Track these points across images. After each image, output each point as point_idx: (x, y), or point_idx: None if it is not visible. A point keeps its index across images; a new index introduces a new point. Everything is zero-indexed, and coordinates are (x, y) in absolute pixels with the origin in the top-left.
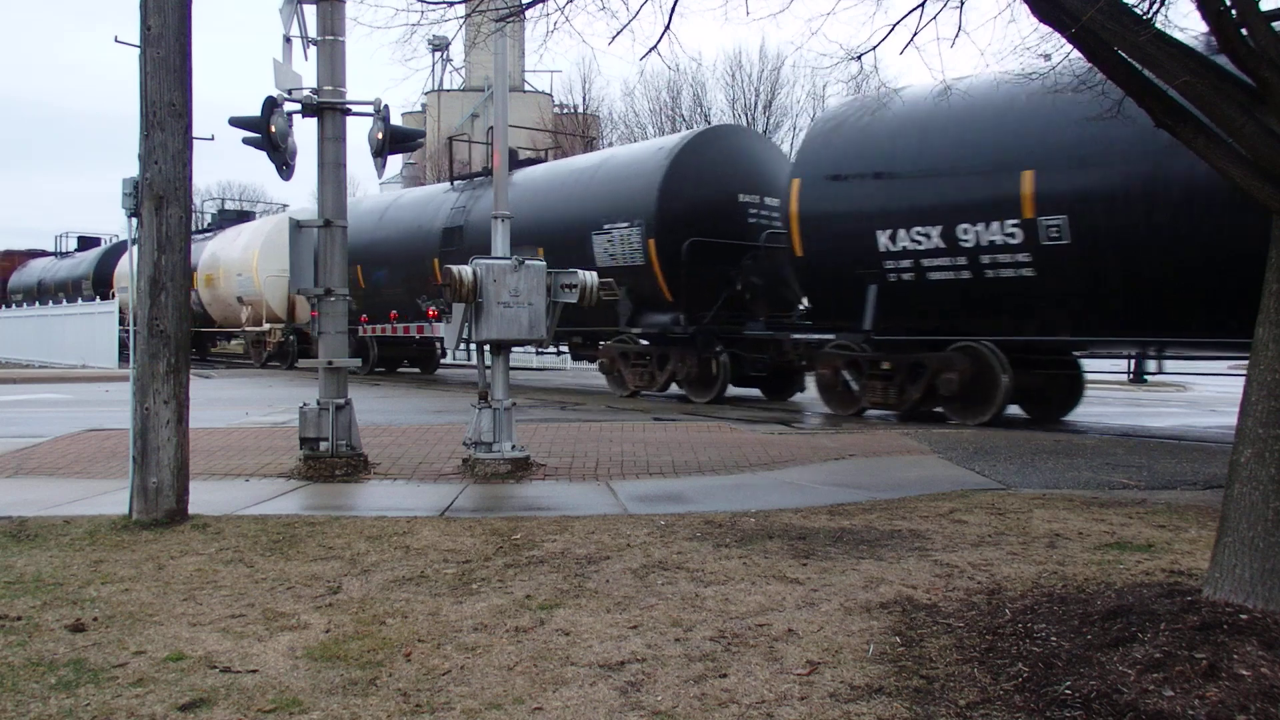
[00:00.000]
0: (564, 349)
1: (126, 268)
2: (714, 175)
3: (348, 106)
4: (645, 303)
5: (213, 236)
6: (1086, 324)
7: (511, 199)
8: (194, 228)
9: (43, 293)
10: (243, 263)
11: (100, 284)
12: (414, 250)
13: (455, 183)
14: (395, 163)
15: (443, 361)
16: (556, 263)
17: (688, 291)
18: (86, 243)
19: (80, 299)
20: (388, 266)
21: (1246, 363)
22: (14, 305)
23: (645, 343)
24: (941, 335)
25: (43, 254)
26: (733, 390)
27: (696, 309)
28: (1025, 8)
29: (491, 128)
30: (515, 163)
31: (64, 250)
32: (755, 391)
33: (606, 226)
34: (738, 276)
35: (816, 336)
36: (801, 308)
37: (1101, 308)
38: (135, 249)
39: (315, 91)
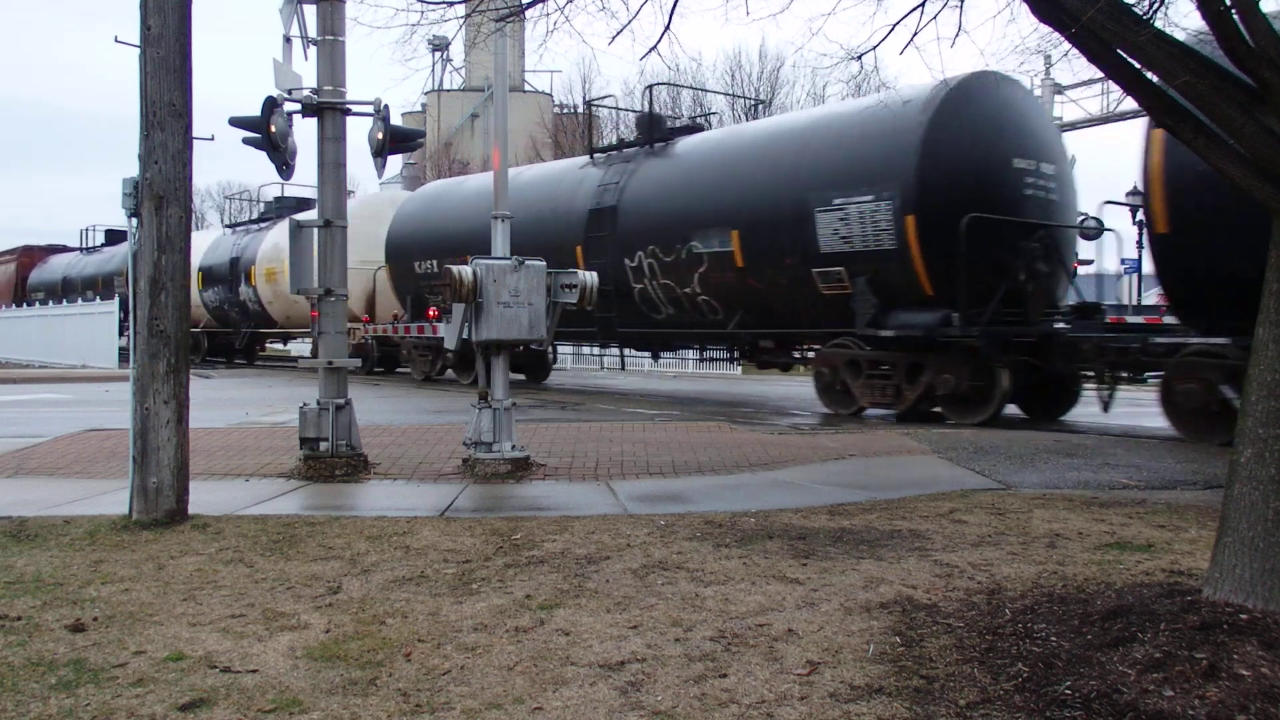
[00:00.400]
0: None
1: None
2: (983, 134)
3: (348, 106)
4: (895, 297)
5: (271, 226)
6: None
7: (684, 170)
8: (249, 217)
9: (68, 290)
10: None
11: None
12: (544, 237)
13: (595, 156)
14: (395, 163)
15: (555, 367)
16: (765, 250)
17: (960, 282)
18: (115, 237)
19: (116, 296)
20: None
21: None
22: (35, 303)
23: (872, 349)
24: None
25: (64, 249)
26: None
27: (967, 305)
28: (1025, 7)
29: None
30: (671, 131)
31: (90, 245)
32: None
33: (838, 201)
34: (1019, 263)
35: (1196, 341)
36: (1123, 303)
37: None
38: (135, 249)
39: (315, 91)
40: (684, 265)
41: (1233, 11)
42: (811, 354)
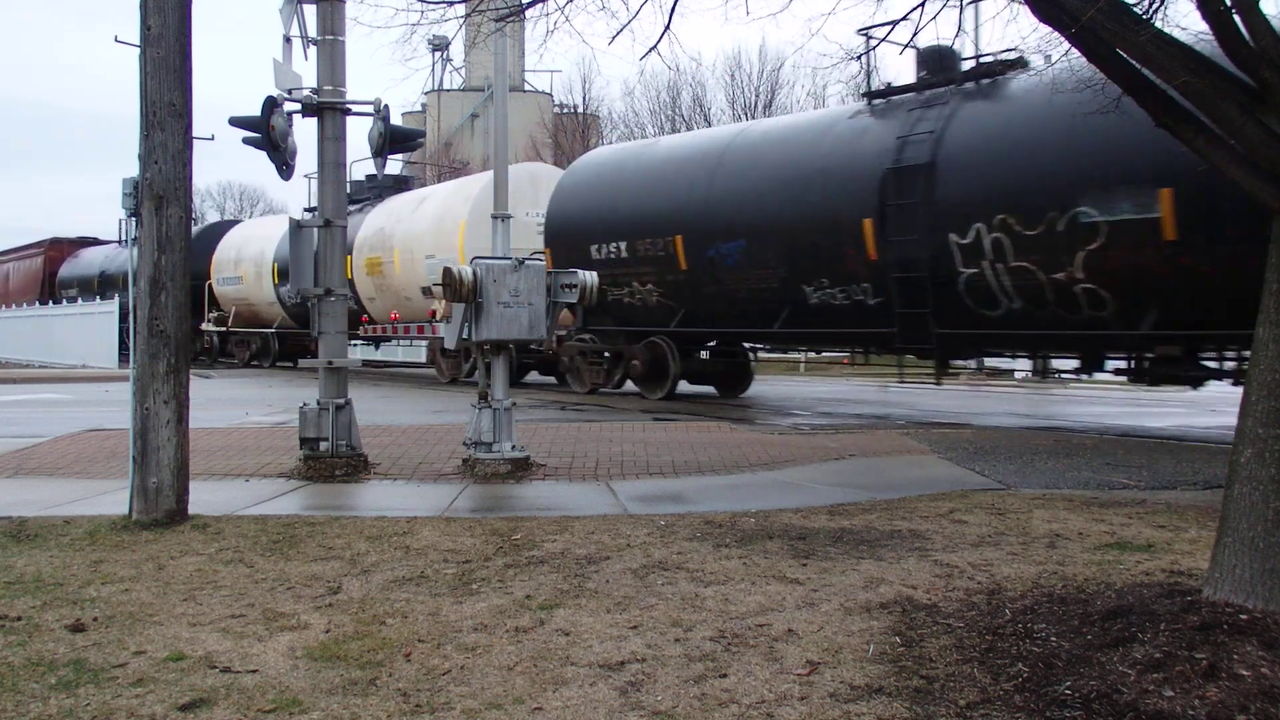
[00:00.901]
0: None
1: (231, 254)
2: None
3: (348, 106)
4: None
5: (369, 208)
6: None
7: (1047, 113)
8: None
9: (107, 286)
10: (437, 238)
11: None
12: (804, 210)
13: (874, 101)
14: (395, 163)
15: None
16: (1222, 213)
17: None
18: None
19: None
20: (747, 237)
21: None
22: (65, 300)
23: None
24: None
25: (96, 242)
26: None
27: None
28: (1025, 7)
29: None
30: (988, 68)
31: (133, 237)
32: None
33: None
34: None
35: None
36: None
37: None
38: (135, 249)
39: (315, 91)
40: (1058, 240)
41: (1233, 11)
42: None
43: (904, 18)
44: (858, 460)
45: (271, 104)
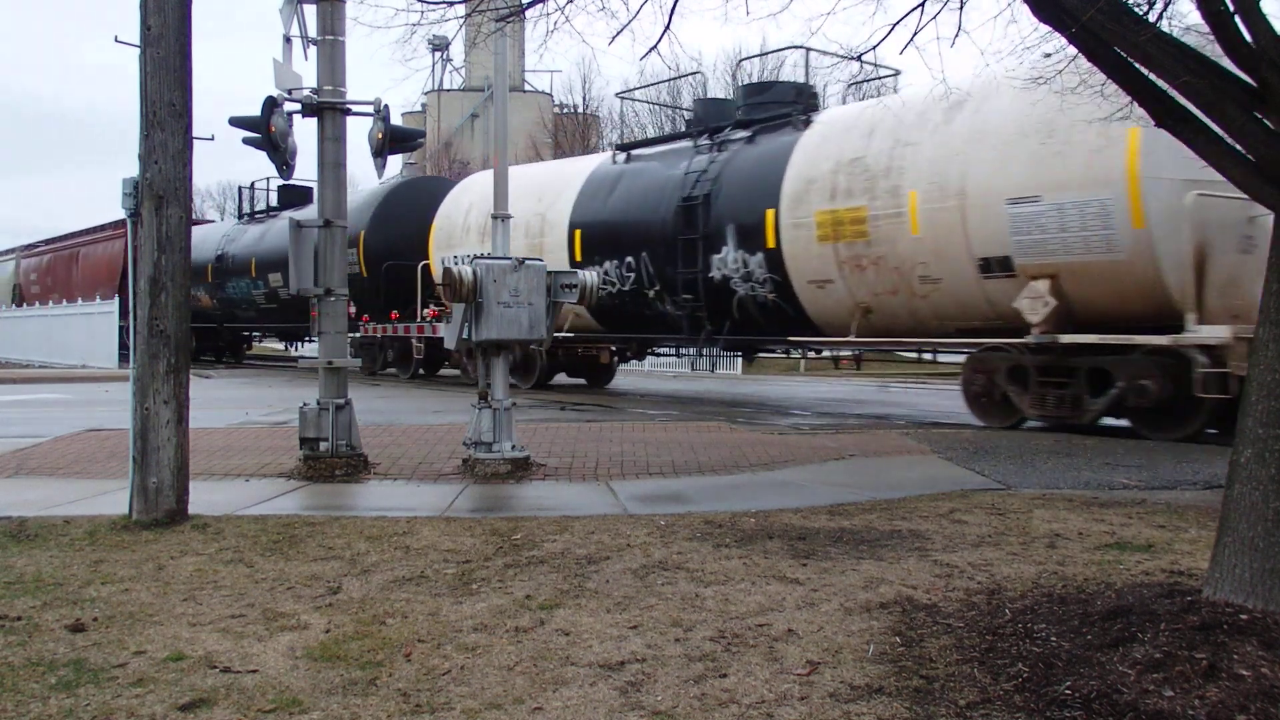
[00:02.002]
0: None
1: (476, 218)
2: None
3: (348, 106)
4: None
5: (790, 131)
6: None
7: None
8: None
9: (226, 274)
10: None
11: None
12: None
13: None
14: (395, 163)
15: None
16: None
17: None
18: (293, 196)
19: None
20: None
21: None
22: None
23: None
24: None
25: (196, 221)
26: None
27: None
28: (1026, 7)
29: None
30: None
31: (256, 210)
32: None
33: None
34: None
35: None
36: None
37: None
38: (135, 249)
39: (315, 91)
40: None
41: (1233, 11)
42: None
43: (900, 20)
44: (858, 460)
45: (271, 104)
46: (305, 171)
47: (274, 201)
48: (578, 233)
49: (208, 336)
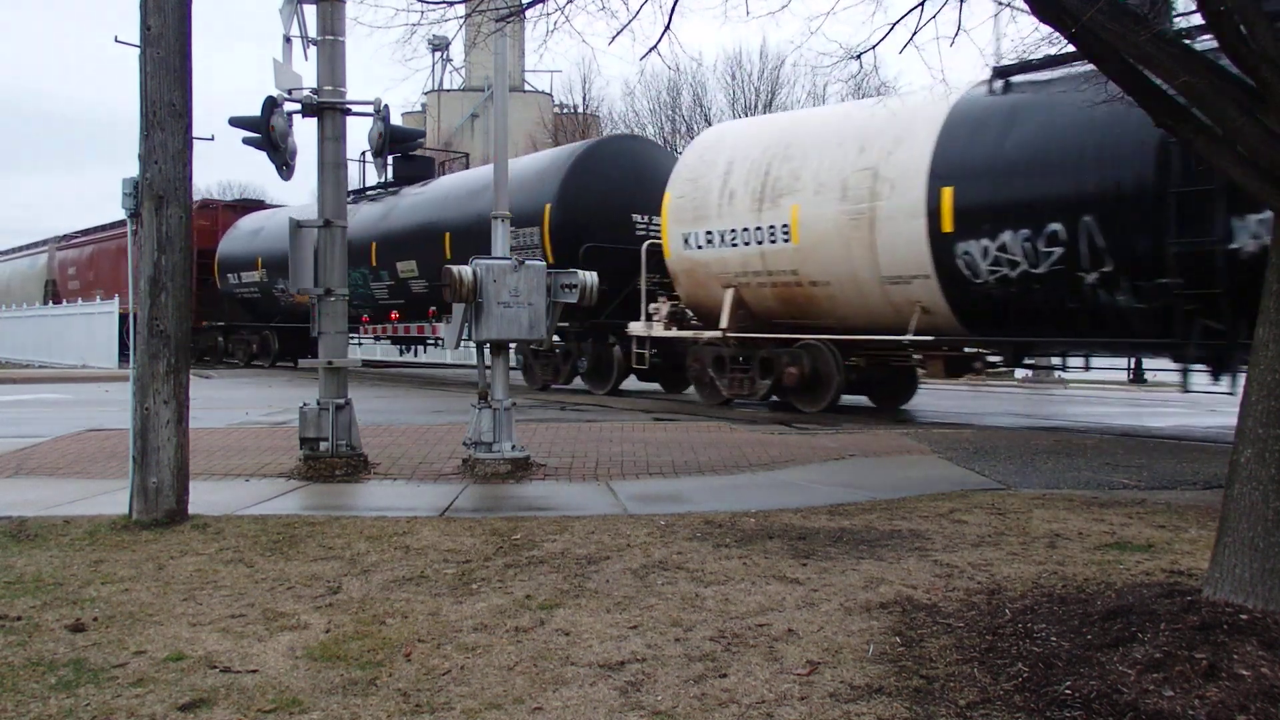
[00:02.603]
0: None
1: (736, 176)
2: None
3: (348, 106)
4: None
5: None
6: None
7: None
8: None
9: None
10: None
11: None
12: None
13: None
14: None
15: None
16: None
17: None
18: (414, 169)
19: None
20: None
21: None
22: (234, 281)
23: None
24: None
25: (260, 205)
26: None
27: None
28: (1026, 7)
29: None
30: None
31: (368, 187)
32: None
33: None
34: None
35: None
36: None
37: None
38: (135, 249)
39: (315, 91)
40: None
41: (1233, 12)
42: None
43: (900, 20)
44: (858, 460)
45: (271, 104)
46: (305, 173)
47: (372, 177)
48: (947, 192)
49: (293, 338)
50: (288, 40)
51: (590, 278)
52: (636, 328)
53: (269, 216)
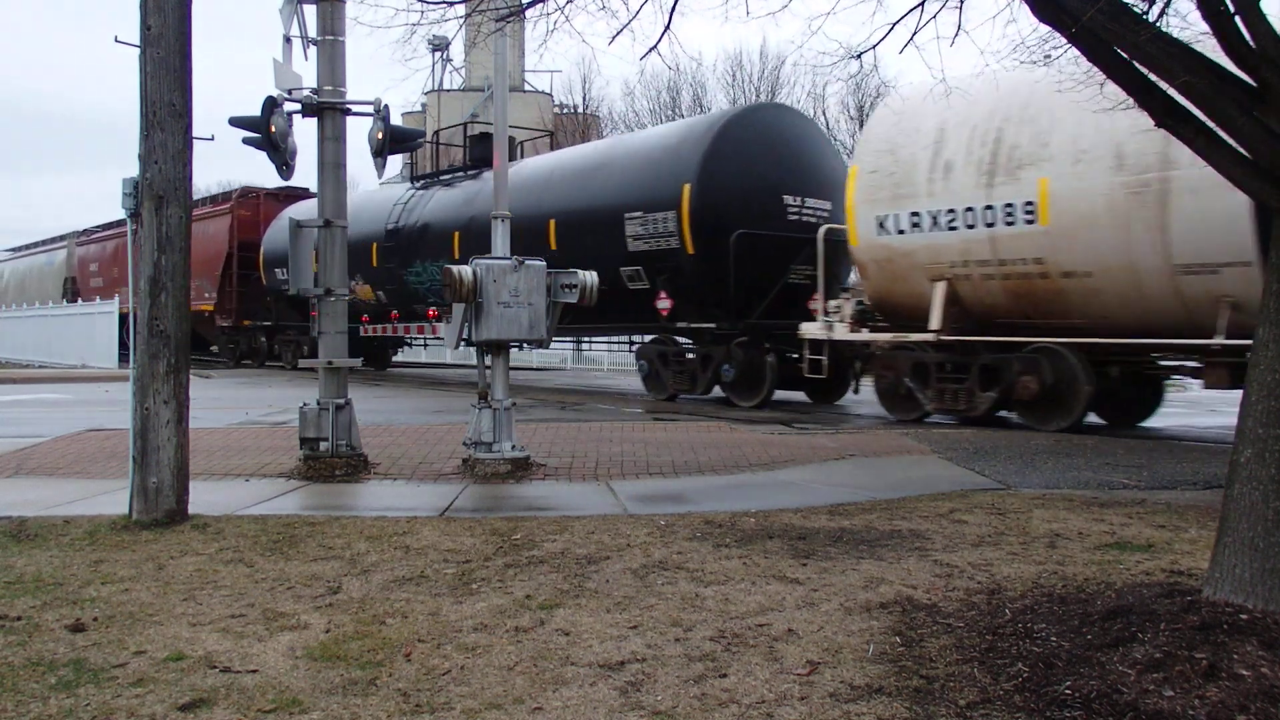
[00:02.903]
0: None
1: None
2: None
3: (348, 106)
4: None
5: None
6: None
7: None
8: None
9: (409, 254)
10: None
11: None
12: None
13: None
14: (395, 163)
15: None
16: None
17: None
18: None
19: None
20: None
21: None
22: (282, 276)
23: None
24: None
25: (306, 194)
26: None
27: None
28: (1025, 7)
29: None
30: None
31: (441, 171)
32: None
33: None
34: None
35: None
36: None
37: None
38: (135, 249)
39: (315, 91)
40: None
41: (1233, 12)
42: None
43: (900, 20)
44: (858, 460)
45: (271, 104)
46: (305, 172)
47: (431, 160)
48: None
49: (360, 342)
50: (288, 40)
51: (590, 277)
52: (812, 329)
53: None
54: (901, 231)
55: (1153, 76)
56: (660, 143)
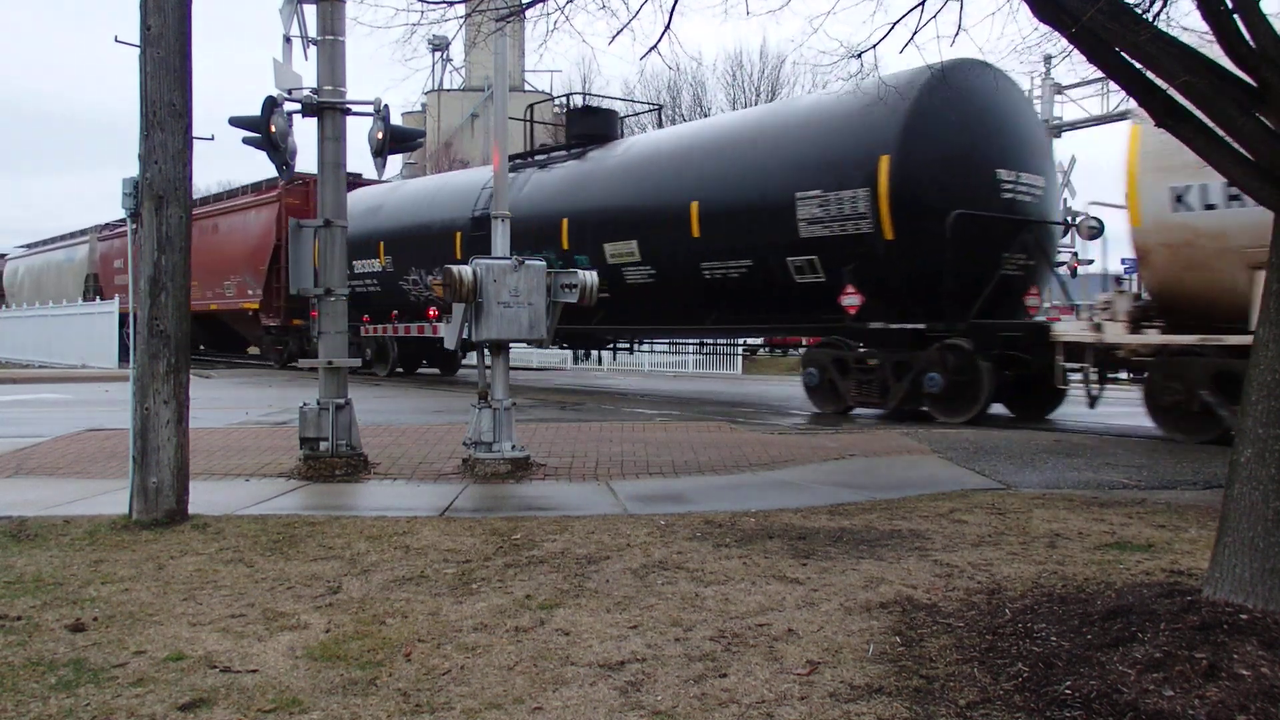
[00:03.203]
0: None
1: None
2: None
3: (348, 106)
4: None
5: None
6: None
7: None
8: None
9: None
10: None
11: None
12: None
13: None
14: (395, 163)
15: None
16: None
17: None
18: (592, 125)
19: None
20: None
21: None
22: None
23: None
24: None
25: (360, 180)
26: None
27: None
28: (1025, 6)
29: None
30: None
31: (534, 151)
32: None
33: None
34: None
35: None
36: None
37: None
38: (135, 249)
39: (315, 91)
40: None
41: (1233, 11)
42: None
43: (900, 19)
44: (858, 460)
45: (271, 104)
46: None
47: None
48: None
49: (414, 341)
50: (288, 40)
51: (590, 277)
52: (1072, 330)
53: (391, 190)
54: (1211, 207)
55: (1153, 76)
56: (836, 109)
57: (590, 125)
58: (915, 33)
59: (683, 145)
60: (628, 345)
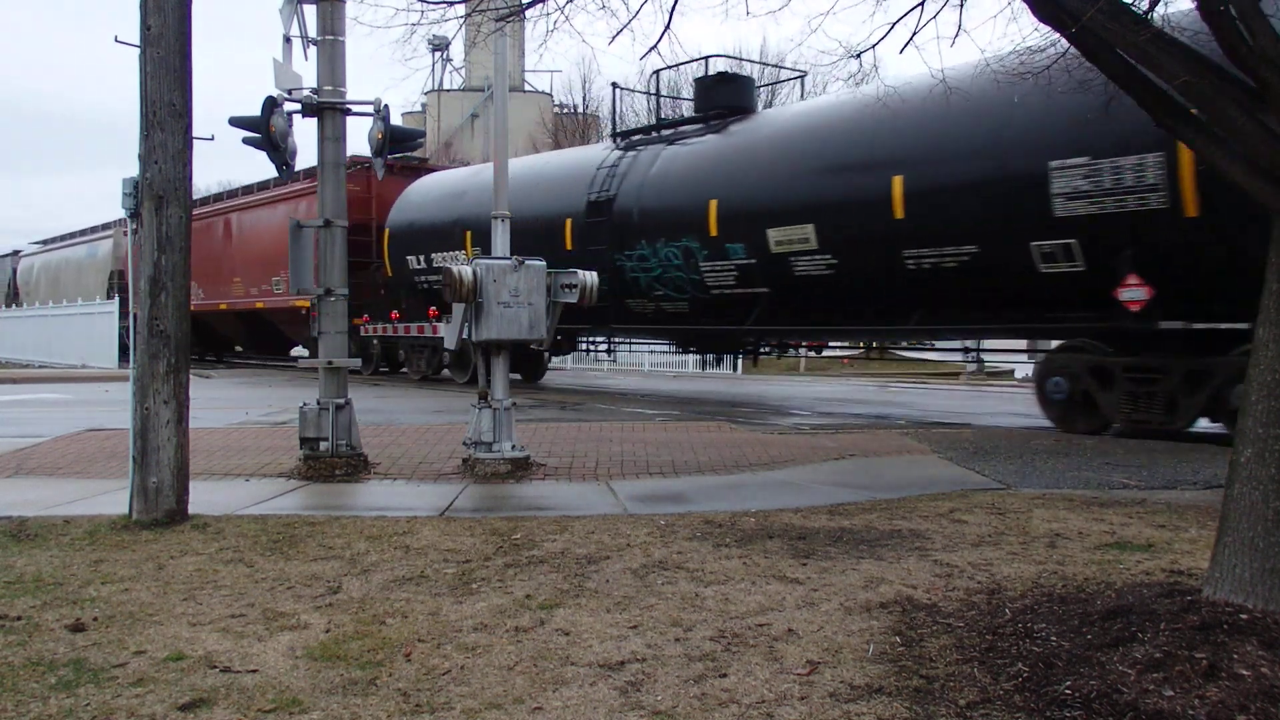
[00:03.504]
0: None
1: None
2: None
3: (348, 106)
4: None
5: None
6: None
7: None
8: None
9: (625, 235)
10: None
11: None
12: None
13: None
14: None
15: None
16: None
17: None
18: (726, 94)
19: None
20: None
21: None
22: (416, 265)
23: None
24: None
25: (426, 166)
26: None
27: None
28: (1025, 7)
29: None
30: None
31: (661, 125)
32: None
33: None
34: None
35: None
36: None
37: None
38: (134, 249)
39: (315, 91)
40: None
41: (1233, 12)
42: None
43: (900, 19)
44: (858, 460)
45: (271, 104)
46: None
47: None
48: None
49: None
50: (288, 40)
51: (590, 277)
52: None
53: (474, 174)
54: None
55: (1153, 76)
56: None
57: (727, 95)
58: (915, 33)
59: (872, 111)
60: (793, 347)
